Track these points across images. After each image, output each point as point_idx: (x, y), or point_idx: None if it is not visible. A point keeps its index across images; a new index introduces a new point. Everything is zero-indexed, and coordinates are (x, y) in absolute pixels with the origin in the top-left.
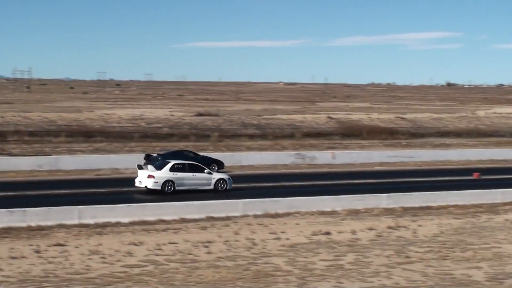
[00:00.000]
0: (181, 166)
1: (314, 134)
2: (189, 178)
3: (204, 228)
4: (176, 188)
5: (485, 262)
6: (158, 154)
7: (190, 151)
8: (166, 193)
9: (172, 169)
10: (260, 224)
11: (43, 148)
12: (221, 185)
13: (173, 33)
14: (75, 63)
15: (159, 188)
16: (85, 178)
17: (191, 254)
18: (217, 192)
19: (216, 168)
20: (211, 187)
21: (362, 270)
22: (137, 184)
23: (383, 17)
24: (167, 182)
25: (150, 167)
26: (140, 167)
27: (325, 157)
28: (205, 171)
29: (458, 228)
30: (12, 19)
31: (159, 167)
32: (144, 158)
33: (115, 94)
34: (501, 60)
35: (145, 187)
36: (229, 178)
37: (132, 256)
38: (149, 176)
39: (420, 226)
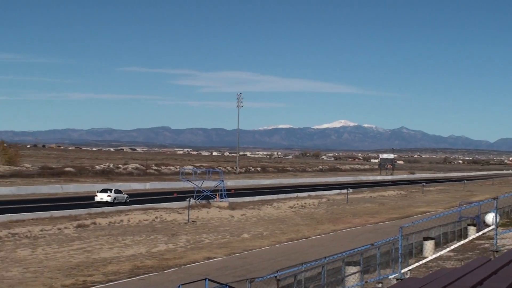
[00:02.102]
0: (117, 190)
1: None
2: (120, 196)
3: None
4: (116, 201)
5: None
6: None
7: None
8: (114, 203)
9: (115, 192)
10: None
11: None
12: (127, 199)
13: None
14: None
15: (112, 201)
16: None
17: None
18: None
19: None
20: (124, 200)
21: None
22: (97, 199)
23: None
24: (115, 198)
25: (108, 190)
26: (98, 191)
27: None
28: (123, 193)
29: None
30: None
31: (111, 191)
32: None
33: None
34: None
35: (106, 201)
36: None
37: None
38: (108, 196)
39: None
